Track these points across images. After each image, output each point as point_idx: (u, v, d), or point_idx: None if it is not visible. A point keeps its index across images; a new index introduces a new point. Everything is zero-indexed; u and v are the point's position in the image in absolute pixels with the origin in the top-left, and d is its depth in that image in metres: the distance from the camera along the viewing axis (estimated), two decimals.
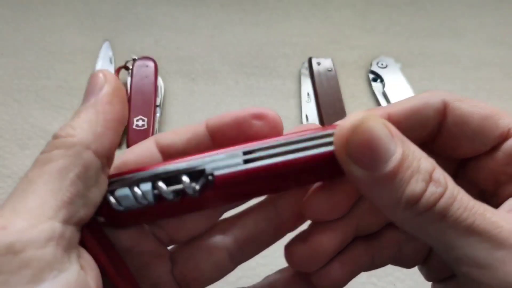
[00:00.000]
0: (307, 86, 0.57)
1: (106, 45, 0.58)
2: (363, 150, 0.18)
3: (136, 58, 0.56)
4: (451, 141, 0.22)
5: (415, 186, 0.18)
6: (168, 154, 0.23)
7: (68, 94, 0.55)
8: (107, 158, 0.19)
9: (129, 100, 0.52)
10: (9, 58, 0.58)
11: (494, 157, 0.22)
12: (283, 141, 0.20)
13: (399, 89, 0.57)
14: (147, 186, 0.20)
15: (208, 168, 0.20)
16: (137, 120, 0.50)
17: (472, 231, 0.18)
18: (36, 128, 0.51)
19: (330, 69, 0.58)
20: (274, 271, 0.27)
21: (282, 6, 0.70)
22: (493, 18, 0.71)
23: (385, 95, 0.57)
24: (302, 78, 0.58)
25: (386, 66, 0.60)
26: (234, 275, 0.25)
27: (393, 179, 0.18)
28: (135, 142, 0.49)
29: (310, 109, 0.55)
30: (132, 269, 0.23)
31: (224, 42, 0.63)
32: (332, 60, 0.59)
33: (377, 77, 0.59)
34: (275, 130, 0.21)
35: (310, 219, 0.24)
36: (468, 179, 0.23)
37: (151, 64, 0.55)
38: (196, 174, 0.20)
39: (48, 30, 0.62)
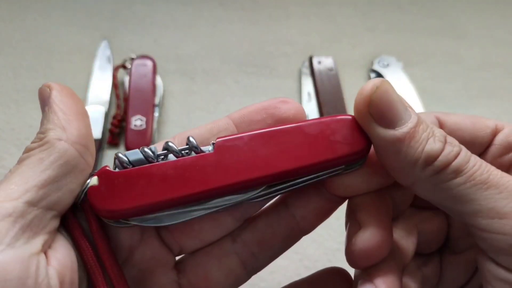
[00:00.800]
0: (307, 86, 0.57)
1: (104, 44, 0.57)
2: (385, 108, 0.20)
3: (135, 57, 0.55)
4: None
5: (433, 145, 0.19)
6: None
7: None
8: (81, 145, 0.20)
9: (127, 99, 0.52)
10: (7, 58, 0.58)
11: (489, 154, 0.23)
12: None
13: (400, 89, 0.57)
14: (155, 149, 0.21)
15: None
16: (136, 120, 0.50)
17: (489, 183, 0.19)
18: (33, 128, 0.51)
19: (331, 68, 0.58)
20: None
21: (282, 4, 0.69)
22: (497, 18, 0.70)
23: None
24: (303, 77, 0.58)
25: (388, 65, 0.59)
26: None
27: (412, 138, 0.19)
28: (133, 142, 0.49)
29: (310, 109, 0.54)
30: (131, 275, 0.22)
31: (223, 41, 0.62)
32: (333, 59, 0.59)
33: (379, 76, 0.59)
34: (299, 114, 0.22)
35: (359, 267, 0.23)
36: None
37: (149, 63, 0.55)
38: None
39: (45, 29, 0.62)
